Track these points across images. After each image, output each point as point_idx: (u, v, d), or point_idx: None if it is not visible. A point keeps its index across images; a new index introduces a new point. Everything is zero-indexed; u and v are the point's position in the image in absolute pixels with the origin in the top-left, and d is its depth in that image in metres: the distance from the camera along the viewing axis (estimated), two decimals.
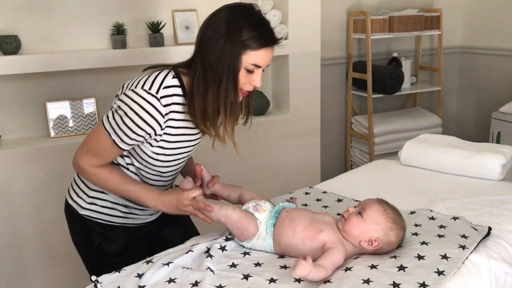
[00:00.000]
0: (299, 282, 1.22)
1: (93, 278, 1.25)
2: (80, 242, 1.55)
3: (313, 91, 2.95)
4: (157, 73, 1.33)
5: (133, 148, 1.39)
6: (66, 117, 2.45)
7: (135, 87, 1.30)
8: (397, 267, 1.26)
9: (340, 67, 3.49)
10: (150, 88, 1.29)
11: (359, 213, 1.33)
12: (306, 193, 1.84)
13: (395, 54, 3.52)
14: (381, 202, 1.36)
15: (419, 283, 1.19)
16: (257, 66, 1.30)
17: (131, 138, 1.31)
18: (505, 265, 1.41)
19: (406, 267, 1.26)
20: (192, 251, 1.34)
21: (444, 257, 1.30)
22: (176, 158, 1.44)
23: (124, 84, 1.38)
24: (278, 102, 3.02)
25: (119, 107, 1.30)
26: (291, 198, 1.53)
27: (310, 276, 1.18)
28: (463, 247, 1.35)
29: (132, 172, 1.44)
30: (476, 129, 3.94)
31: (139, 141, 1.33)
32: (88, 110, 2.49)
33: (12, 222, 2.28)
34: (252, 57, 1.27)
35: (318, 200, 1.77)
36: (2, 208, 2.26)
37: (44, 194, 2.32)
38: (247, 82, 1.32)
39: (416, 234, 1.45)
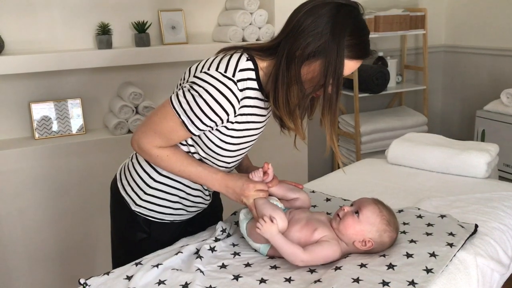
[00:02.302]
0: (289, 282, 1.22)
1: (82, 280, 1.23)
2: (122, 232, 1.49)
3: None
4: (230, 55, 1.24)
5: (199, 137, 1.31)
6: (50, 118, 2.42)
7: (208, 70, 1.21)
8: (386, 265, 1.27)
9: None
10: (225, 71, 1.20)
11: (355, 212, 1.33)
12: None
13: (380, 54, 3.54)
14: (377, 202, 1.36)
15: (408, 281, 1.19)
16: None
17: (203, 122, 1.22)
18: (492, 261, 1.43)
19: (395, 266, 1.26)
20: (182, 252, 1.33)
21: (433, 255, 1.31)
22: (243, 147, 1.37)
23: (191, 67, 1.29)
24: None
25: (191, 87, 1.21)
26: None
27: (276, 240, 1.23)
28: (451, 245, 1.36)
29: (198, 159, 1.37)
30: (461, 128, 3.99)
31: (210, 127, 1.25)
32: (73, 111, 2.47)
33: None
34: (346, 65, 1.18)
35: None
36: None
37: (29, 196, 2.29)
38: None
39: (404, 232, 1.46)
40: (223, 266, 1.30)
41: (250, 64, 1.24)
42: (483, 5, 3.67)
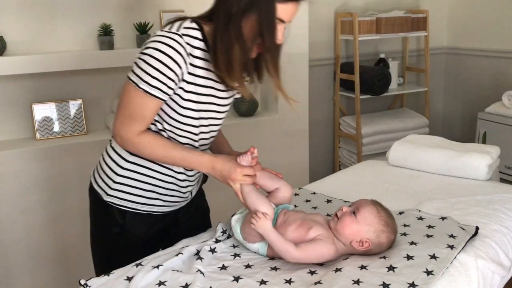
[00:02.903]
0: (290, 283, 1.22)
1: (82, 281, 1.23)
2: (98, 227, 1.50)
3: (301, 92, 2.96)
4: (175, 21, 1.29)
5: (162, 109, 1.32)
6: (52, 119, 2.42)
7: (155, 34, 1.26)
8: (387, 267, 1.27)
9: (327, 68, 3.50)
10: (170, 29, 1.25)
11: (353, 213, 1.34)
12: (296, 194, 1.84)
13: (382, 55, 3.54)
14: (375, 203, 1.37)
15: (408, 283, 1.19)
16: (282, 21, 1.24)
17: (159, 80, 1.23)
18: (492, 264, 1.43)
19: (396, 268, 1.26)
20: (182, 253, 1.33)
21: (433, 257, 1.31)
22: (206, 116, 1.37)
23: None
24: (266, 103, 3.02)
25: (141, 54, 1.25)
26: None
27: (270, 235, 1.24)
28: (451, 247, 1.36)
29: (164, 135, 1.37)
30: (462, 129, 3.98)
31: (169, 87, 1.25)
32: (74, 111, 2.47)
33: None
34: (279, 10, 1.22)
35: (307, 201, 1.78)
36: None
37: (30, 197, 2.30)
38: None
39: (405, 234, 1.46)
40: (224, 267, 1.30)
41: (194, 25, 1.27)
42: (485, 7, 3.67)
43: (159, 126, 1.35)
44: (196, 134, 1.38)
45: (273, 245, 1.26)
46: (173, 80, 1.25)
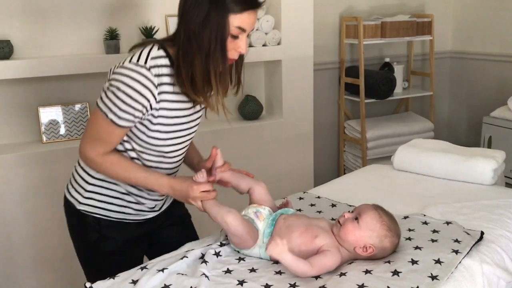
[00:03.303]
0: None
1: (88, 284, 1.24)
2: (76, 237, 1.53)
3: (306, 96, 2.96)
4: (142, 48, 1.32)
5: (131, 131, 1.36)
6: (58, 122, 2.44)
7: (123, 64, 1.30)
8: (391, 272, 1.27)
9: (332, 72, 3.50)
10: (138, 60, 1.28)
11: (355, 219, 1.34)
12: (300, 198, 1.84)
13: (387, 59, 3.54)
14: (377, 208, 1.37)
15: None
16: (242, 30, 1.28)
17: (128, 112, 1.27)
18: (498, 269, 1.42)
19: (400, 272, 1.26)
20: (187, 257, 1.33)
21: (438, 261, 1.31)
22: (177, 136, 1.40)
23: (111, 68, 1.36)
24: (271, 107, 3.03)
25: (110, 84, 1.29)
26: (285, 200, 1.53)
27: (284, 259, 1.22)
28: (456, 252, 1.36)
29: (133, 158, 1.41)
30: (468, 134, 3.97)
31: (137, 117, 1.30)
32: (80, 115, 2.48)
33: (3, 227, 2.26)
34: (237, 20, 1.26)
35: (312, 205, 1.78)
36: None
37: (36, 199, 2.31)
38: (232, 48, 1.30)
39: (409, 238, 1.45)
40: (228, 271, 1.30)
41: (161, 52, 1.31)
42: (490, 11, 3.66)
43: (128, 146, 1.40)
44: (166, 152, 1.42)
45: (289, 267, 1.25)
46: (140, 111, 1.30)
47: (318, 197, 1.85)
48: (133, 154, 1.41)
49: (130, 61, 1.29)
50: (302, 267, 1.23)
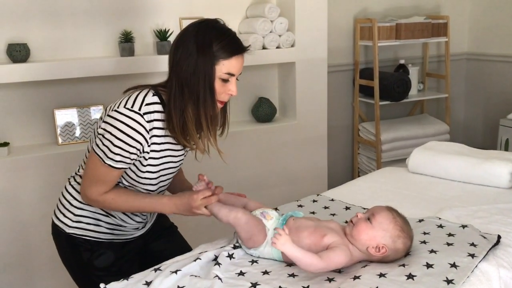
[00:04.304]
0: None
1: (102, 285, 1.25)
2: (70, 261, 1.57)
3: (320, 98, 2.95)
4: (137, 92, 1.38)
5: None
6: (73, 124, 2.46)
7: (118, 107, 1.35)
8: (406, 275, 1.25)
9: (347, 74, 3.49)
10: (132, 106, 1.33)
11: (368, 219, 1.33)
12: (314, 201, 1.84)
13: (402, 61, 3.51)
14: (391, 209, 1.36)
15: None
16: (231, 75, 1.36)
17: (123, 156, 1.34)
18: None
19: (415, 276, 1.25)
20: (200, 259, 1.33)
21: (453, 265, 1.29)
22: (163, 174, 1.47)
23: (107, 107, 1.41)
24: (285, 109, 3.02)
25: (105, 130, 1.34)
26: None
27: (287, 250, 1.23)
28: (472, 256, 1.34)
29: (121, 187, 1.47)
30: (484, 136, 3.92)
31: (132, 159, 1.36)
32: (95, 117, 2.51)
33: (20, 229, 2.29)
34: (225, 66, 1.34)
35: (325, 208, 1.77)
36: (10, 215, 2.27)
37: (52, 201, 2.31)
38: (223, 92, 1.37)
39: (424, 242, 1.44)
40: (241, 273, 1.30)
41: (156, 99, 1.37)
42: (507, 12, 3.61)
43: (118, 180, 1.44)
44: (154, 185, 1.48)
45: (297, 260, 1.25)
46: (135, 154, 1.36)
47: (332, 199, 1.84)
48: (121, 185, 1.47)
49: (125, 105, 1.34)
50: (310, 257, 1.24)
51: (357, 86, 3.43)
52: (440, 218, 1.61)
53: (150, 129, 1.35)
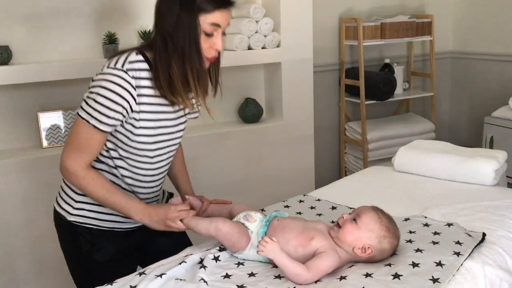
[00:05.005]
0: None
1: None
2: (69, 250, 1.53)
3: (306, 98, 2.96)
4: (120, 53, 1.36)
5: (116, 137, 1.39)
6: (58, 126, 2.43)
7: (101, 70, 1.34)
8: (392, 275, 1.25)
9: (332, 74, 3.49)
10: (115, 65, 1.32)
11: (354, 219, 1.33)
12: (300, 201, 1.83)
13: (387, 60, 3.53)
14: (376, 209, 1.36)
15: None
16: (215, 26, 1.32)
17: (109, 116, 1.31)
18: (500, 271, 1.41)
19: (401, 275, 1.25)
20: (185, 262, 1.32)
21: (439, 264, 1.30)
22: (160, 140, 1.42)
23: (93, 78, 1.39)
24: (271, 109, 3.02)
25: (90, 92, 1.33)
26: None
27: (276, 259, 1.23)
28: (458, 254, 1.35)
29: (120, 167, 1.43)
30: (469, 134, 3.96)
31: (118, 119, 1.32)
32: None
33: (3, 234, 2.26)
34: (209, 18, 1.30)
35: (312, 208, 1.77)
36: None
37: (36, 205, 2.30)
38: (209, 46, 1.34)
39: (410, 241, 1.44)
40: (227, 276, 1.29)
41: (140, 57, 1.35)
42: (491, 11, 3.65)
43: (114, 154, 1.42)
44: (151, 157, 1.44)
45: (284, 268, 1.24)
46: (120, 113, 1.32)
47: (318, 199, 1.84)
48: (119, 163, 1.43)
49: (108, 66, 1.33)
50: (297, 268, 1.23)
51: (343, 85, 3.44)
52: (425, 217, 1.62)
53: (137, 86, 1.32)
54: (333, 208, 1.75)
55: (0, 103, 2.35)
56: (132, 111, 1.34)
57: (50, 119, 2.42)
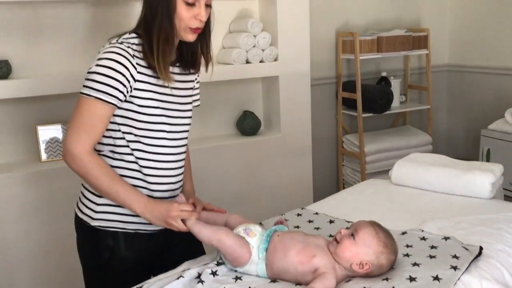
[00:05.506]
0: None
1: None
2: (88, 257, 1.50)
3: (303, 111, 2.97)
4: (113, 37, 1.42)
5: (127, 117, 1.38)
6: (57, 139, 2.44)
7: (98, 55, 1.37)
8: None
9: (330, 87, 3.52)
10: (110, 43, 1.37)
11: (352, 235, 1.33)
12: (298, 215, 1.84)
13: (384, 74, 3.55)
14: (373, 224, 1.36)
15: None
16: None
17: (110, 85, 1.31)
18: (498, 285, 1.41)
19: None
20: (183, 276, 1.32)
21: (436, 278, 1.30)
22: (170, 115, 1.43)
23: None
24: (269, 122, 3.03)
25: (90, 70, 1.35)
26: (284, 220, 1.53)
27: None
28: (455, 268, 1.35)
29: (138, 150, 1.40)
30: (466, 147, 3.97)
31: (120, 90, 1.32)
32: None
33: (2, 248, 2.25)
34: None
35: (310, 221, 1.77)
36: None
37: (35, 219, 2.30)
38: (192, 16, 1.36)
39: (407, 255, 1.45)
40: None
41: (133, 34, 1.39)
42: (486, 24, 3.69)
43: (130, 138, 1.40)
44: (167, 132, 1.43)
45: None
46: (122, 82, 1.33)
47: (316, 213, 1.85)
48: (135, 146, 1.40)
49: (103, 47, 1.39)
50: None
51: (340, 98, 3.46)
52: (423, 230, 1.62)
53: (134, 56, 1.35)
54: (331, 221, 1.76)
55: None
56: (134, 80, 1.35)
57: (49, 132, 2.43)
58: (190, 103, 1.53)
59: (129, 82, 1.34)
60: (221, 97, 2.89)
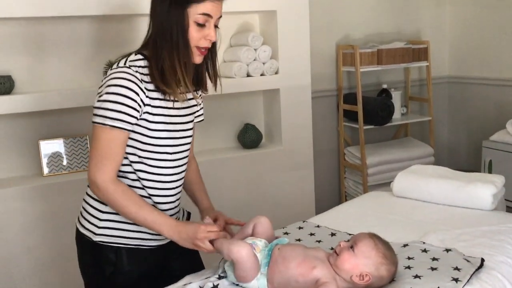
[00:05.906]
0: None
1: None
2: (91, 273, 1.50)
3: (304, 123, 2.99)
4: (119, 58, 1.43)
5: (132, 139, 1.39)
6: (59, 154, 2.45)
7: (104, 78, 1.39)
8: None
9: (331, 99, 3.53)
10: (117, 66, 1.38)
11: (351, 247, 1.33)
12: (300, 228, 1.84)
13: (384, 86, 3.57)
14: (373, 236, 1.36)
15: None
16: (207, 16, 1.35)
17: (123, 112, 1.32)
18: None
19: None
20: None
21: None
22: (175, 136, 1.44)
23: None
24: (270, 135, 3.04)
25: (98, 97, 1.36)
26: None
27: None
28: (456, 280, 1.35)
29: (140, 171, 1.42)
30: (468, 158, 3.97)
31: (132, 115, 1.34)
32: (82, 147, 2.50)
33: (4, 262, 2.25)
34: (200, 8, 1.33)
35: (311, 234, 1.77)
36: None
37: (38, 234, 2.30)
38: (202, 37, 1.37)
39: (409, 267, 1.44)
40: None
41: (139, 56, 1.40)
42: (486, 36, 3.71)
43: (133, 159, 1.42)
44: (171, 154, 1.45)
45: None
46: (133, 108, 1.35)
47: (318, 226, 1.85)
48: (138, 166, 1.42)
49: (111, 69, 1.39)
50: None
51: (341, 111, 3.48)
52: (424, 243, 1.62)
53: (142, 80, 1.36)
54: (333, 234, 1.76)
55: (1, 132, 2.38)
56: (144, 104, 1.36)
57: (51, 147, 2.45)
58: (192, 121, 1.54)
59: (140, 106, 1.36)
60: (222, 110, 2.91)
